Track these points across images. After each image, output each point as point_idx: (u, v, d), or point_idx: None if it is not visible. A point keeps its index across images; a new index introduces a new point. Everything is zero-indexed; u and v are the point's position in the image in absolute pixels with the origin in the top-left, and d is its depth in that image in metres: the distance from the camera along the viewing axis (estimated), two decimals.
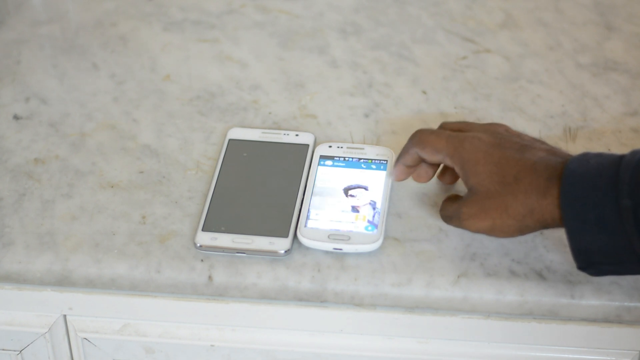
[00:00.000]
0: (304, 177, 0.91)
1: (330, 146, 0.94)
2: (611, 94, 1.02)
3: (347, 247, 0.85)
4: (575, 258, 0.76)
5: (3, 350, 0.93)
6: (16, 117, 1.00)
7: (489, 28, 1.11)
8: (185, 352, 0.91)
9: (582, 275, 0.84)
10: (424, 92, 1.03)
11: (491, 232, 0.80)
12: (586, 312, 0.84)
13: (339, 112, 1.00)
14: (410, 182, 0.91)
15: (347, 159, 0.93)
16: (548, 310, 0.84)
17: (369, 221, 0.87)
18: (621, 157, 0.74)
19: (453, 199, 0.85)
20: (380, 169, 0.92)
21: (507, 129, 0.85)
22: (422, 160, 0.86)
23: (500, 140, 0.81)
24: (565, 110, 1.00)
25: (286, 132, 0.97)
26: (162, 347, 0.91)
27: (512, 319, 0.86)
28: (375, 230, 0.86)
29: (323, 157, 0.93)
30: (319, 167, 0.92)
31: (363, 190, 0.89)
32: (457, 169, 0.82)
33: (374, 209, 0.88)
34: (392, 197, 0.90)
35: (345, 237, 0.86)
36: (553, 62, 1.06)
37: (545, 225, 0.77)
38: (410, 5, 1.14)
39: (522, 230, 0.79)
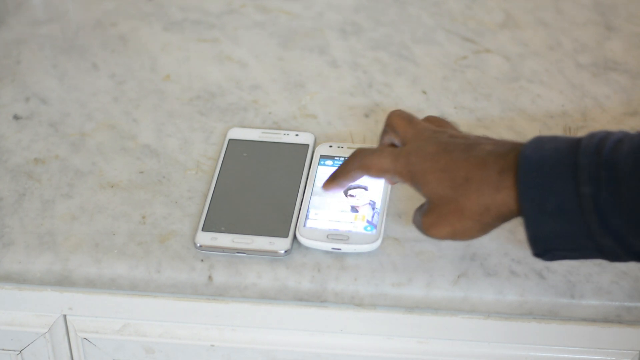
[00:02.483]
0: (304, 177, 0.91)
1: (330, 146, 0.94)
2: (611, 94, 1.02)
3: (345, 247, 0.85)
4: (531, 245, 0.75)
5: (3, 350, 0.93)
6: (16, 117, 1.00)
7: (489, 28, 1.11)
8: (185, 352, 0.91)
9: (582, 275, 0.84)
10: (424, 92, 1.03)
11: (454, 236, 0.78)
12: (586, 312, 0.84)
13: (339, 112, 1.00)
14: None
15: (347, 159, 0.93)
16: (548, 310, 0.84)
17: (368, 221, 0.87)
18: (578, 141, 0.73)
19: (419, 208, 0.82)
20: None
21: (451, 134, 0.82)
22: None
23: (445, 146, 0.79)
24: (565, 110, 1.00)
25: (286, 132, 0.97)
26: (162, 347, 0.91)
27: (512, 319, 0.86)
28: (374, 230, 0.86)
29: (323, 157, 0.93)
30: (319, 166, 0.92)
31: (363, 190, 0.89)
32: (408, 184, 0.80)
33: (373, 209, 0.88)
34: (391, 197, 0.90)
35: (344, 237, 0.86)
36: (553, 62, 1.06)
37: (504, 219, 0.76)
38: (410, 5, 1.14)
39: (484, 229, 0.77)
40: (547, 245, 0.74)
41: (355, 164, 0.83)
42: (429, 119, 0.86)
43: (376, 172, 0.82)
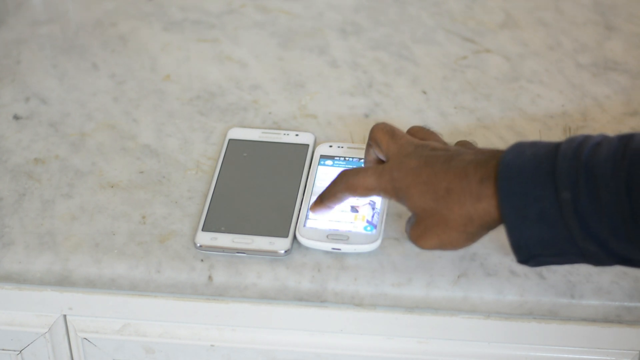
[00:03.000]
0: (304, 177, 0.91)
1: (330, 146, 0.94)
2: (611, 94, 1.02)
3: (345, 247, 0.85)
4: (515, 252, 0.75)
5: (3, 350, 0.93)
6: (16, 117, 1.00)
7: (489, 28, 1.11)
8: (185, 352, 0.91)
9: (582, 275, 0.84)
10: (424, 92, 1.03)
11: (441, 247, 0.79)
12: (586, 312, 0.84)
13: (339, 112, 1.00)
14: None
15: (347, 158, 0.93)
16: (548, 310, 0.84)
17: (367, 221, 0.87)
18: (558, 146, 0.73)
19: (408, 220, 0.83)
20: None
21: (433, 146, 0.82)
22: None
23: (427, 159, 0.79)
24: (565, 110, 1.00)
25: (286, 132, 0.97)
26: (162, 347, 0.91)
27: (512, 319, 0.86)
28: (374, 231, 0.86)
29: (323, 157, 0.93)
30: (319, 166, 0.92)
31: None
32: (394, 200, 0.81)
33: (373, 209, 0.88)
34: None
35: (344, 237, 0.86)
36: (553, 62, 1.06)
37: (489, 227, 0.76)
38: (410, 5, 1.14)
39: (471, 239, 0.78)
40: (530, 252, 0.74)
41: (341, 185, 0.83)
42: (413, 131, 0.86)
43: (362, 192, 0.82)
